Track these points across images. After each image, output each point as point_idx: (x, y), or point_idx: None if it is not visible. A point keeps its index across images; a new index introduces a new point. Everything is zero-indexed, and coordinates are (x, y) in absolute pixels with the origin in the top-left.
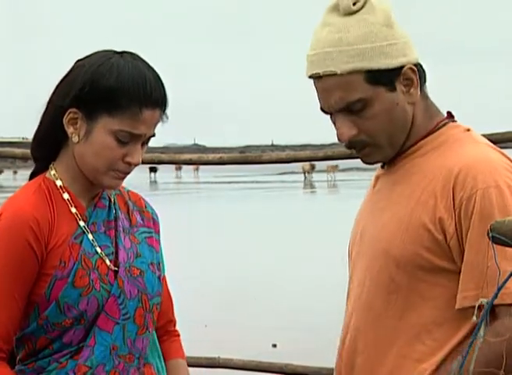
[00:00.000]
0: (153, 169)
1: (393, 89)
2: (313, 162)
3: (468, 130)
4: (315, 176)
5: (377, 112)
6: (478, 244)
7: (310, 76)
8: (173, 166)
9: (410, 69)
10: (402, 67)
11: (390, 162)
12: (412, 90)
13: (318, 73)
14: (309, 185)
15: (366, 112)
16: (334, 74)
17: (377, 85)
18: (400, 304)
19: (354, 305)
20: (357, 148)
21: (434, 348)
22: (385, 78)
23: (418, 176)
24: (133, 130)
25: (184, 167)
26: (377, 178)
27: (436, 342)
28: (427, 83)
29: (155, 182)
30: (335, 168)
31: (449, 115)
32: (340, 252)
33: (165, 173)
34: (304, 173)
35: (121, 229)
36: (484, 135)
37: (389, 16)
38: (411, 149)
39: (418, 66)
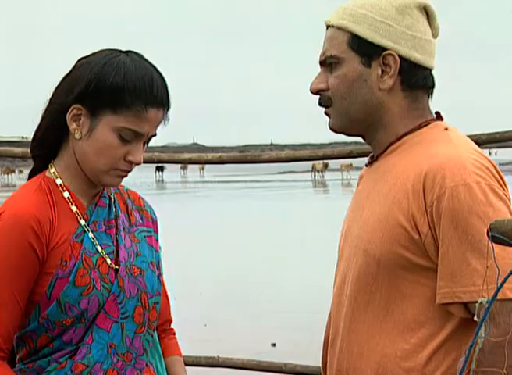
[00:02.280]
0: (160, 169)
1: (367, 64)
2: (326, 161)
3: (446, 129)
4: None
5: (342, 75)
6: (450, 243)
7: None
8: (179, 166)
9: (392, 56)
10: (385, 49)
11: (372, 161)
12: (386, 77)
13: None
14: (321, 184)
15: (335, 71)
16: (329, 25)
17: (354, 51)
18: (382, 303)
19: (338, 304)
20: (324, 105)
21: (417, 346)
22: (363, 48)
23: (394, 174)
24: (136, 128)
25: (190, 167)
26: (361, 178)
27: (420, 340)
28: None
29: (162, 181)
30: (349, 167)
31: (438, 115)
32: None
33: (172, 172)
34: (314, 171)
35: (121, 228)
36: (484, 134)
37: (409, 6)
38: (390, 148)
39: (415, 66)
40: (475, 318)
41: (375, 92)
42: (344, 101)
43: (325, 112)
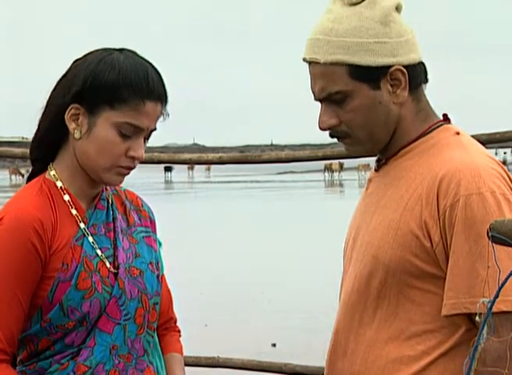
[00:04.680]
0: (168, 169)
1: (377, 87)
2: (342, 161)
3: (458, 133)
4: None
5: (356, 107)
6: (460, 252)
7: (303, 60)
8: (186, 166)
9: (399, 70)
10: (389, 67)
11: (382, 165)
12: (399, 91)
13: (306, 59)
14: (334, 184)
15: (346, 105)
16: (318, 62)
17: (359, 80)
18: (391, 309)
19: (345, 308)
20: (339, 137)
21: (423, 353)
22: (368, 75)
23: (406, 180)
24: (136, 122)
25: (196, 167)
26: (369, 181)
27: (427, 348)
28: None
29: (170, 181)
30: (366, 167)
31: (445, 117)
32: (341, 253)
33: (179, 172)
34: (330, 171)
35: (119, 230)
36: (484, 134)
37: (388, 13)
38: (401, 152)
39: (415, 66)
40: (477, 318)
41: (392, 108)
42: (365, 129)
43: (342, 142)
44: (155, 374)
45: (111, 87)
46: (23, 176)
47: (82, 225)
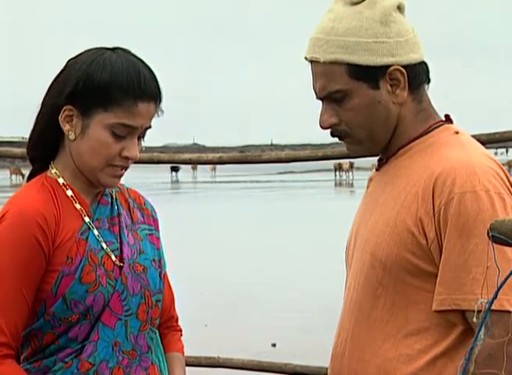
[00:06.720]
0: (175, 169)
1: (376, 87)
2: (352, 160)
3: (457, 132)
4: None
5: (356, 106)
6: (452, 249)
7: (305, 59)
8: (189, 166)
9: (398, 70)
10: (388, 66)
11: (382, 164)
12: (398, 91)
13: (307, 58)
14: (344, 184)
15: (346, 104)
16: (319, 61)
17: (358, 80)
18: (387, 307)
19: (345, 307)
20: (340, 137)
21: (420, 352)
22: (367, 74)
23: (404, 178)
24: (128, 122)
25: (200, 167)
26: (370, 180)
27: (423, 347)
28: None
29: (177, 181)
30: None
31: (447, 118)
32: (342, 253)
33: (186, 172)
34: (340, 171)
35: (124, 225)
36: (484, 135)
37: (389, 13)
38: (401, 151)
39: (416, 66)
40: (474, 319)
41: (391, 108)
42: (364, 129)
43: (342, 141)
44: (159, 373)
45: (103, 89)
46: (23, 176)
47: (87, 219)
